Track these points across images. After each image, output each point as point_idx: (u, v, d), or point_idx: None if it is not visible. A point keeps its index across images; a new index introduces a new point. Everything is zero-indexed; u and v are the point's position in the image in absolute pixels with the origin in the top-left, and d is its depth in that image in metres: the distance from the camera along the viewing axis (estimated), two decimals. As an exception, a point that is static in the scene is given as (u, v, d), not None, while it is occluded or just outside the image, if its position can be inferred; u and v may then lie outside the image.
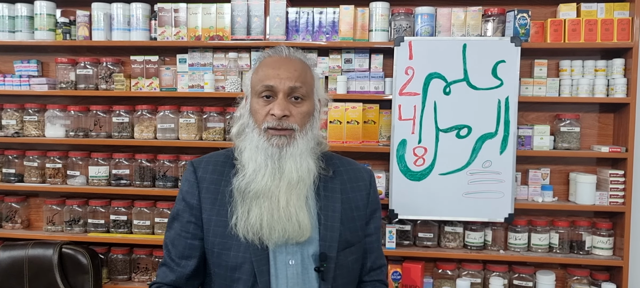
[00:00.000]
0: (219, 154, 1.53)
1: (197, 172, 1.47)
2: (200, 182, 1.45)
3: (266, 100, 1.42)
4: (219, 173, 1.46)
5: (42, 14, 2.80)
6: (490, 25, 2.61)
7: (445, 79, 2.54)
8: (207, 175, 1.46)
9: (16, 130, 2.88)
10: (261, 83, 1.42)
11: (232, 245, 1.40)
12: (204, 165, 1.49)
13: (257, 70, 1.46)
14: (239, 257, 1.39)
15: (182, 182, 1.50)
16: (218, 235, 1.42)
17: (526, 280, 2.63)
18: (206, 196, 1.44)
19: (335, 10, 2.68)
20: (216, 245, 1.42)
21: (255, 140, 1.41)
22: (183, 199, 1.47)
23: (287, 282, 1.40)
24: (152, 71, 2.82)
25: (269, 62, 1.45)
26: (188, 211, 1.46)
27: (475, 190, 2.55)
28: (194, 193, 1.45)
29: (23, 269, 2.58)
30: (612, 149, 2.57)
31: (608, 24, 2.54)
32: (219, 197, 1.43)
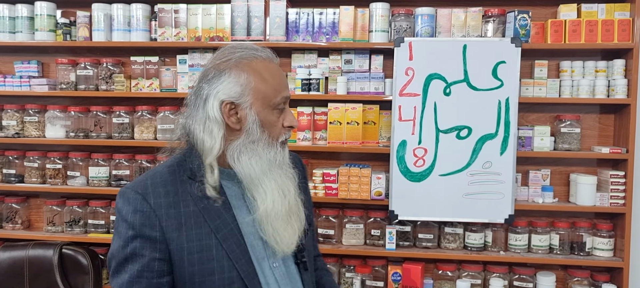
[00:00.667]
0: (160, 172, 1.29)
1: (148, 199, 1.23)
2: (155, 209, 1.22)
3: (279, 111, 1.31)
4: (174, 194, 1.25)
5: (43, 14, 2.81)
6: (491, 26, 2.61)
7: (446, 79, 2.54)
8: (161, 199, 1.24)
9: (16, 130, 2.89)
10: (280, 94, 1.29)
11: (215, 269, 1.23)
12: (151, 189, 1.25)
13: (264, 77, 1.28)
14: (225, 278, 1.24)
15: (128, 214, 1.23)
16: (195, 263, 1.23)
17: (526, 282, 2.63)
18: (168, 223, 1.22)
19: (335, 10, 2.68)
20: (196, 274, 1.23)
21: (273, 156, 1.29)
22: (138, 235, 1.22)
23: (277, 284, 1.31)
24: (152, 72, 2.82)
25: (274, 70, 1.31)
26: (148, 247, 1.21)
27: (475, 191, 2.55)
28: (154, 224, 1.22)
29: (23, 270, 2.58)
30: (612, 150, 2.56)
31: (608, 24, 2.53)
32: (184, 220, 1.24)
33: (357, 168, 2.64)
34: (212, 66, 1.30)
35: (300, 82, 2.67)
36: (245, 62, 1.28)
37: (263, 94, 1.27)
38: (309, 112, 2.70)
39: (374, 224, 2.72)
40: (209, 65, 1.31)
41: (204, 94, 1.28)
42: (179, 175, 1.28)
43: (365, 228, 2.73)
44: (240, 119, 1.28)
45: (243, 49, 1.30)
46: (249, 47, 1.31)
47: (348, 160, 2.85)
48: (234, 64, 1.27)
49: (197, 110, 1.29)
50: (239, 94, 1.26)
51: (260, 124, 1.28)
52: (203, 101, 1.28)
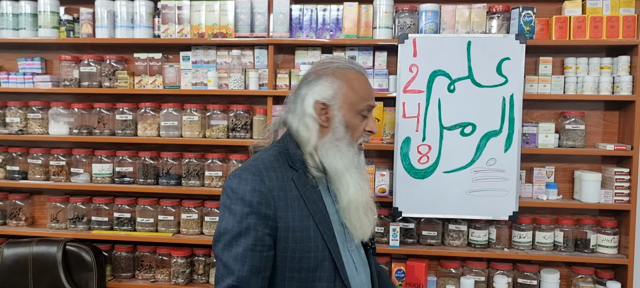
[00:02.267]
0: (268, 158, 1.48)
1: (265, 180, 1.41)
2: (271, 190, 1.41)
3: (363, 117, 1.52)
4: (281, 179, 1.44)
5: (46, 11, 2.81)
6: (495, 23, 2.60)
7: (450, 76, 2.53)
8: (274, 183, 1.43)
9: (20, 127, 2.89)
10: (366, 102, 1.51)
11: (311, 247, 1.43)
12: (265, 173, 1.43)
13: (352, 85, 1.50)
14: (319, 256, 1.43)
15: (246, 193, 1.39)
16: (297, 241, 1.42)
17: (530, 279, 2.62)
18: (279, 204, 1.42)
19: (339, 7, 2.67)
20: (297, 251, 1.42)
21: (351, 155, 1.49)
22: (255, 212, 1.39)
23: (355, 265, 1.52)
24: (156, 69, 2.81)
25: (364, 81, 1.53)
26: (262, 223, 1.39)
27: (479, 188, 2.54)
28: (270, 203, 1.40)
29: (27, 266, 2.59)
30: (617, 147, 2.55)
31: (613, 21, 2.52)
32: (289, 202, 1.43)
33: (360, 165, 2.63)
34: (313, 72, 1.54)
35: (304, 79, 2.66)
36: (340, 71, 1.51)
37: (351, 100, 1.49)
38: (312, 109, 2.69)
39: (378, 221, 2.71)
40: (310, 71, 1.55)
41: (303, 94, 1.51)
42: (282, 163, 1.48)
43: (369, 225, 2.72)
44: (329, 118, 1.49)
45: (340, 60, 1.55)
46: (346, 60, 1.56)
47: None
48: (331, 71, 1.51)
49: (296, 106, 1.51)
50: (331, 97, 1.48)
51: (345, 124, 1.49)
52: (302, 99, 1.50)
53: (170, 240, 2.75)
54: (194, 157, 2.77)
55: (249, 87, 2.73)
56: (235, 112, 2.75)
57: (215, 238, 1.43)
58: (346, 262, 1.49)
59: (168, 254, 2.79)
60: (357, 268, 1.53)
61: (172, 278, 2.77)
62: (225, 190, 1.44)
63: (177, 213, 2.80)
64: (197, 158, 2.78)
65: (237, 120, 2.75)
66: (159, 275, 2.80)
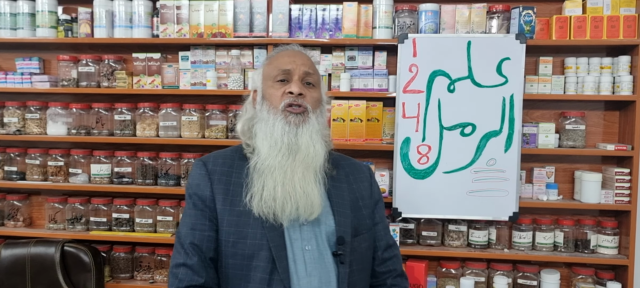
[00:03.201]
0: (226, 150, 1.58)
1: (207, 165, 1.50)
2: (211, 174, 1.48)
3: (281, 83, 1.51)
4: (229, 166, 1.50)
5: (44, 11, 2.79)
6: (495, 22, 2.59)
7: (450, 76, 2.52)
8: (218, 168, 1.50)
9: (18, 127, 2.87)
10: (277, 68, 1.52)
11: (248, 233, 1.42)
12: (212, 159, 1.53)
13: (271, 62, 1.56)
14: (255, 244, 1.42)
15: (190, 179, 1.52)
16: (232, 225, 1.44)
17: (530, 279, 2.61)
18: (218, 187, 1.47)
19: (339, 7, 2.66)
20: (231, 235, 1.44)
21: (271, 121, 1.47)
22: (194, 193, 1.49)
23: (305, 266, 1.44)
24: (154, 69, 2.80)
25: (283, 54, 1.57)
26: (201, 204, 1.47)
27: (479, 189, 2.54)
28: (206, 185, 1.47)
29: (25, 267, 2.58)
30: (617, 147, 2.55)
31: (614, 20, 2.52)
32: (231, 188, 1.47)
33: (360, 166, 2.62)
34: None
35: (303, 79, 2.65)
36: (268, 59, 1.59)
37: (267, 73, 1.55)
38: (312, 109, 2.68)
39: (377, 222, 2.71)
40: None
41: None
42: (237, 154, 1.55)
43: (369, 226, 2.72)
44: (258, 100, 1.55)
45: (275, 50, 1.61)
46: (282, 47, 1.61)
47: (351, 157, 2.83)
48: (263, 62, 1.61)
49: None
50: (257, 81, 1.58)
51: (262, 96, 1.53)
52: None
53: (169, 241, 2.74)
54: (193, 158, 2.76)
55: (248, 87, 2.72)
56: (234, 112, 2.74)
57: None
58: (292, 258, 1.43)
59: (167, 255, 2.78)
60: (307, 270, 1.43)
61: (171, 279, 2.75)
62: None
63: (176, 214, 2.79)
64: (196, 159, 2.75)
65: (237, 121, 2.73)
66: (157, 276, 2.79)
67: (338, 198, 1.53)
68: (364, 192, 1.61)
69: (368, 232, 1.57)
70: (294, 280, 1.42)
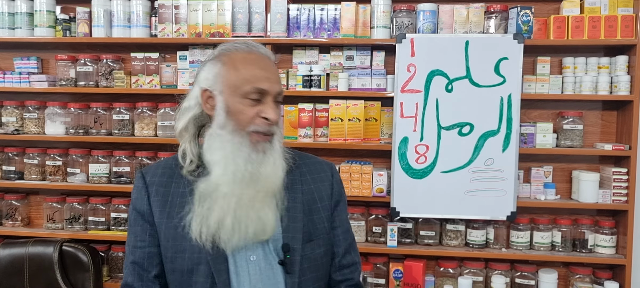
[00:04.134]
0: (169, 159, 1.44)
1: (146, 177, 1.39)
2: (149, 186, 1.37)
3: (253, 102, 1.30)
4: (169, 176, 1.38)
5: (42, 10, 2.79)
6: (493, 22, 2.59)
7: (448, 76, 2.52)
8: (156, 179, 1.38)
9: (16, 127, 2.87)
10: (251, 84, 1.29)
11: (186, 248, 1.31)
12: (152, 169, 1.41)
13: (238, 67, 1.31)
14: (193, 258, 1.30)
15: (133, 191, 1.41)
16: (170, 239, 1.33)
17: (528, 279, 2.62)
18: (155, 199, 1.36)
19: (337, 6, 2.66)
20: (169, 249, 1.34)
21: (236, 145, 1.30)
22: (134, 208, 1.39)
23: (249, 279, 1.31)
24: (153, 68, 2.80)
25: (252, 60, 1.33)
26: (140, 218, 1.37)
27: (477, 188, 2.54)
28: (144, 198, 1.37)
29: (23, 267, 2.57)
30: (615, 147, 2.55)
31: (612, 20, 2.52)
32: (169, 199, 1.36)
33: (358, 165, 2.63)
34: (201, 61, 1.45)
35: (302, 79, 2.66)
36: (224, 53, 1.36)
37: (232, 82, 1.31)
38: (310, 109, 2.68)
39: (376, 221, 2.71)
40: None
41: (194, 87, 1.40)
42: (181, 161, 1.39)
43: (367, 225, 2.72)
44: (213, 106, 1.34)
45: (230, 43, 1.38)
46: (237, 41, 1.39)
47: (349, 157, 2.84)
48: (215, 56, 1.37)
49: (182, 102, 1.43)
50: (212, 82, 1.34)
51: (225, 109, 1.31)
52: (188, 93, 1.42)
53: (167, 241, 2.73)
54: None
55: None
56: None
57: None
58: (235, 271, 1.31)
59: (165, 254, 2.78)
60: (251, 281, 1.31)
61: (169, 279, 2.76)
62: None
63: (174, 214, 2.79)
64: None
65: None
66: (156, 275, 2.79)
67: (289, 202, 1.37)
68: (323, 193, 1.44)
69: (324, 237, 1.41)
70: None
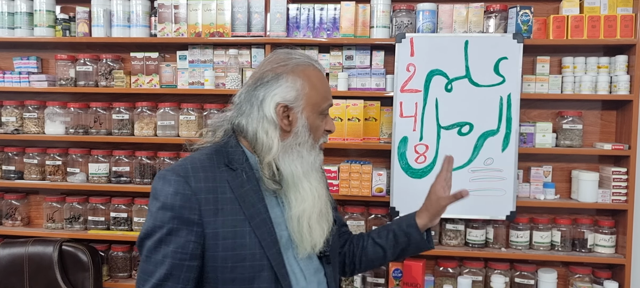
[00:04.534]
0: (200, 159, 1.34)
1: (190, 182, 1.28)
2: (196, 193, 1.27)
3: (324, 117, 1.42)
4: (212, 180, 1.31)
5: (42, 10, 2.79)
6: (493, 22, 2.59)
7: (447, 75, 2.52)
8: (202, 185, 1.29)
9: (16, 127, 2.87)
10: (327, 101, 1.41)
11: (246, 256, 1.29)
12: (193, 173, 1.29)
13: (315, 85, 1.37)
14: (255, 266, 1.30)
15: (167, 196, 1.27)
16: (229, 249, 1.28)
17: (528, 278, 2.62)
18: (206, 208, 1.28)
19: (337, 6, 2.66)
20: (229, 259, 1.28)
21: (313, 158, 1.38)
22: (176, 217, 1.26)
23: (303, 274, 1.38)
24: (152, 68, 2.80)
25: (323, 79, 1.42)
26: (186, 229, 1.26)
27: (476, 188, 2.54)
28: (193, 207, 1.26)
29: (23, 267, 2.58)
30: (614, 147, 2.55)
31: (611, 20, 2.52)
32: (221, 206, 1.29)
33: (358, 165, 2.63)
34: (270, 69, 1.37)
35: (301, 78, 2.65)
36: (301, 68, 1.37)
37: (314, 101, 1.37)
38: (309, 109, 2.68)
39: (375, 221, 2.71)
40: (265, 68, 1.38)
41: (260, 96, 1.35)
42: (216, 163, 1.34)
43: (366, 225, 2.72)
44: (291, 121, 1.36)
45: (298, 55, 1.40)
46: (303, 54, 1.42)
47: (349, 156, 2.84)
48: (291, 69, 1.36)
49: (252, 109, 1.37)
50: (293, 98, 1.35)
51: (308, 127, 1.37)
52: (259, 102, 1.35)
53: (167, 240, 2.73)
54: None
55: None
56: (232, 112, 2.74)
57: (139, 242, 1.31)
58: (291, 271, 1.35)
59: (165, 254, 2.78)
60: (306, 278, 1.38)
61: (169, 278, 2.76)
62: (151, 191, 1.32)
63: (173, 213, 2.79)
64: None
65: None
66: (155, 275, 2.79)
67: None
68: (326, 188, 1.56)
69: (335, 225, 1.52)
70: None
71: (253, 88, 1.37)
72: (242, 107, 1.38)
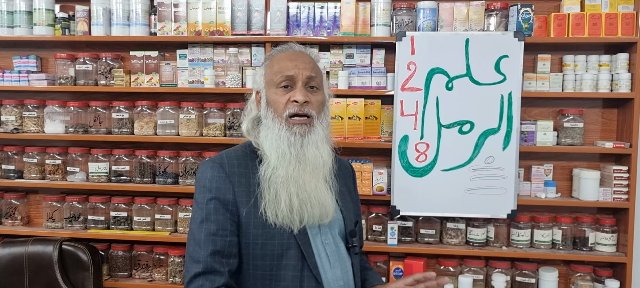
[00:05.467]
0: (235, 150, 1.53)
1: (224, 167, 1.45)
2: (230, 176, 1.44)
3: (285, 89, 1.48)
4: (244, 166, 1.47)
5: (41, 9, 2.78)
6: (493, 20, 2.59)
7: (448, 74, 2.51)
8: (235, 169, 1.46)
9: (15, 126, 2.87)
10: (280, 74, 1.48)
11: (275, 234, 1.42)
12: (227, 160, 1.47)
13: (272, 64, 1.52)
14: (283, 243, 1.42)
15: (205, 181, 1.45)
16: (259, 227, 1.42)
17: (529, 277, 2.61)
18: (239, 190, 1.43)
19: (337, 4, 2.65)
20: (259, 237, 1.42)
21: (277, 130, 1.46)
22: (215, 197, 1.42)
23: (328, 259, 1.48)
24: (152, 67, 2.80)
25: (284, 56, 1.52)
26: (222, 208, 1.42)
27: (477, 186, 2.53)
28: (228, 188, 1.43)
29: (23, 266, 2.57)
30: (616, 145, 2.54)
31: (612, 18, 2.51)
32: (252, 189, 1.44)
33: (358, 164, 2.62)
34: None
35: (301, 77, 2.65)
36: (268, 58, 1.56)
37: (269, 78, 1.51)
38: (310, 107, 2.68)
39: (376, 220, 2.71)
40: None
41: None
42: (249, 154, 1.52)
43: (367, 224, 2.71)
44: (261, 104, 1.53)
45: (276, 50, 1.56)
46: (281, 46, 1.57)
47: (349, 155, 2.83)
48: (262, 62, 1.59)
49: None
50: (258, 83, 1.55)
51: (267, 102, 1.50)
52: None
53: (167, 239, 2.73)
54: (190, 156, 2.75)
55: (246, 85, 2.72)
56: (232, 111, 2.74)
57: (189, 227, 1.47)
58: (317, 253, 1.47)
59: (165, 253, 2.78)
60: (330, 262, 1.49)
61: (169, 278, 2.75)
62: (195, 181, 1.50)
63: (174, 212, 2.79)
64: (194, 157, 2.76)
65: (234, 119, 2.73)
66: (156, 274, 2.79)
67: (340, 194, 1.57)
68: (351, 186, 1.69)
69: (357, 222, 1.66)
70: (322, 274, 1.46)
71: None
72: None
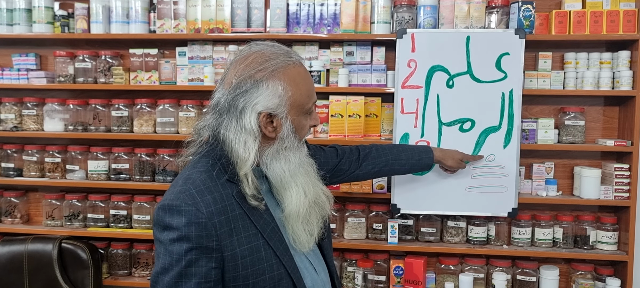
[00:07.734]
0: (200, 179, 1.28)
1: (201, 208, 1.22)
2: (210, 218, 1.22)
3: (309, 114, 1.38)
4: (221, 200, 1.26)
5: (40, 6, 2.77)
6: (494, 17, 2.57)
7: (449, 71, 2.50)
8: (212, 208, 1.23)
9: (15, 124, 2.86)
10: (311, 99, 1.36)
11: (265, 268, 1.28)
12: (201, 197, 1.24)
13: (298, 84, 1.31)
14: (274, 276, 1.29)
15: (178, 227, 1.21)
16: (248, 266, 1.27)
17: (530, 275, 2.61)
18: (222, 232, 1.23)
19: (337, 2, 2.64)
20: (249, 276, 1.27)
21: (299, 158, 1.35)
22: (195, 248, 1.21)
23: (314, 267, 1.40)
24: (152, 64, 2.79)
25: (304, 74, 1.35)
26: (205, 257, 1.22)
27: (478, 185, 2.52)
28: (211, 234, 1.22)
29: (23, 264, 2.57)
30: (617, 143, 2.53)
31: (614, 15, 2.50)
32: (233, 225, 1.25)
33: (358, 162, 2.61)
34: (248, 76, 1.29)
35: (301, 75, 2.64)
36: (281, 71, 1.29)
37: (299, 102, 1.32)
38: (310, 105, 2.67)
39: (376, 218, 2.70)
40: (243, 74, 1.29)
41: (240, 106, 1.28)
42: (218, 180, 1.28)
43: (367, 222, 2.71)
44: (276, 127, 1.31)
45: (276, 56, 1.31)
46: (281, 53, 1.32)
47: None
48: (270, 73, 1.28)
49: (231, 119, 1.29)
50: (276, 105, 1.29)
51: (293, 130, 1.33)
52: (238, 112, 1.28)
53: (166, 238, 2.72)
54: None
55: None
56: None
57: (153, 278, 1.25)
58: (304, 267, 1.37)
59: (165, 251, 2.77)
60: (316, 270, 1.40)
61: (169, 276, 2.75)
62: (158, 225, 1.26)
63: (173, 211, 2.78)
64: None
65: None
66: (155, 272, 2.78)
67: None
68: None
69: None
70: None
71: (232, 95, 1.29)
72: (222, 116, 1.31)
